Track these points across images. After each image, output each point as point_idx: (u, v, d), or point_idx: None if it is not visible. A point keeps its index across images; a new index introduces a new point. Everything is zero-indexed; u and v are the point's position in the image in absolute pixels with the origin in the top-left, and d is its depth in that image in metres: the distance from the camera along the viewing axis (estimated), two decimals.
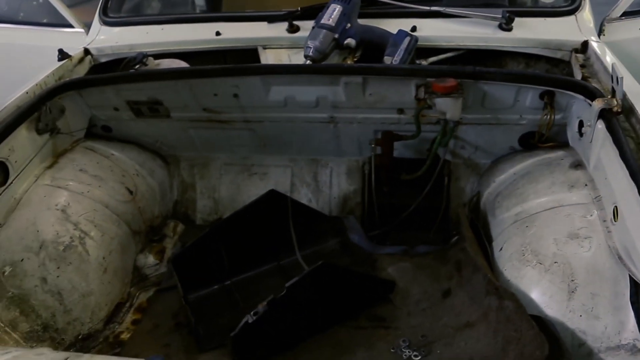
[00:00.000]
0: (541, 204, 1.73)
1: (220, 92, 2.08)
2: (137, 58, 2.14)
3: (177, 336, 1.84)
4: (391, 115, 2.07)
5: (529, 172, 1.91)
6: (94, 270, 1.90)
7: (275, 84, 2.02)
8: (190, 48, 2.28)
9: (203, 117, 2.23)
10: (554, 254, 1.55)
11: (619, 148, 1.46)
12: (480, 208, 2.08)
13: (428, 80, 1.86)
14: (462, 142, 2.16)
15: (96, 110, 2.27)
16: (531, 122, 1.99)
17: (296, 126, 2.21)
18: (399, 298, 1.88)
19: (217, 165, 2.47)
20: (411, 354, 1.64)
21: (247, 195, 2.40)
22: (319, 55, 1.98)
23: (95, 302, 1.88)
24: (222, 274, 2.02)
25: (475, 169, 2.25)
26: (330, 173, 2.38)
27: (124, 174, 2.22)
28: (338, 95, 2.01)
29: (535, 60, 2.14)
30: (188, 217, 2.48)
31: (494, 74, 1.82)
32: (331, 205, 2.36)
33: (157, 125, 2.30)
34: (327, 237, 2.16)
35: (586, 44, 2.00)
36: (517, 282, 1.60)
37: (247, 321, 1.55)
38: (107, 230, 2.00)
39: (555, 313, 1.48)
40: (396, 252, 2.10)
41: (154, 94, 2.14)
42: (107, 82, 2.10)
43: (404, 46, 1.94)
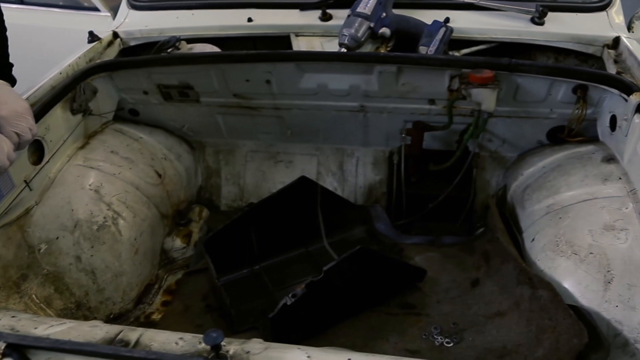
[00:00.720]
0: (574, 197, 1.74)
1: (252, 77, 2.09)
2: (171, 42, 2.14)
3: (209, 318, 1.86)
4: (422, 106, 2.09)
5: (560, 165, 1.93)
6: (126, 251, 1.91)
7: (308, 71, 2.03)
8: (221, 34, 2.28)
9: (233, 103, 2.24)
10: (590, 245, 1.57)
11: None
12: (507, 200, 2.10)
13: (464, 71, 1.87)
14: (490, 134, 2.18)
15: (125, 93, 2.27)
16: (561, 116, 2.00)
17: (325, 114, 2.22)
18: (428, 286, 1.90)
19: (242, 152, 2.49)
20: (443, 340, 1.66)
21: (272, 182, 2.42)
22: (354, 43, 1.99)
23: (127, 282, 1.90)
24: (252, 258, 2.03)
25: (501, 162, 2.27)
26: (356, 162, 2.39)
27: (152, 157, 2.23)
28: (371, 84, 2.03)
29: (564, 55, 2.16)
30: (212, 203, 2.49)
31: (530, 66, 1.83)
32: (356, 195, 2.37)
33: (184, 109, 2.31)
34: (353, 225, 2.18)
35: (618, 40, 2.02)
36: (550, 272, 1.62)
37: (285, 303, 1.57)
38: (138, 211, 2.01)
39: (591, 303, 1.50)
40: (423, 242, 2.12)
41: (186, 78, 2.14)
42: (140, 65, 2.10)
43: (439, 37, 1.96)
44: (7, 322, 1.15)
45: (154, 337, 1.13)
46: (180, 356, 1.03)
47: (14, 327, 1.13)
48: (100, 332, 1.13)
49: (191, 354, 1.07)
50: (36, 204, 1.79)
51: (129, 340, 1.10)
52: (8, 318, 1.16)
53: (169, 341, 1.12)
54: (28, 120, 1.51)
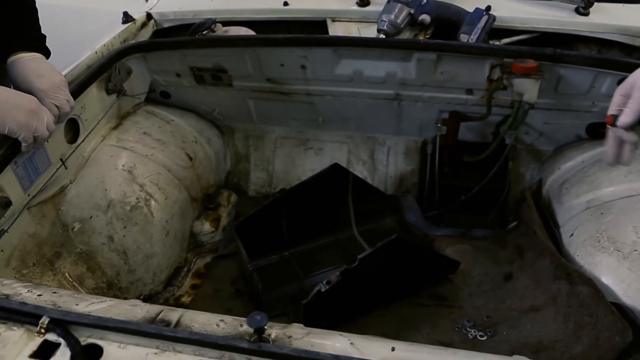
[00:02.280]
0: (616, 192, 1.70)
1: (287, 62, 2.06)
2: (206, 24, 2.13)
3: (238, 302, 1.85)
4: (459, 96, 2.05)
5: (600, 160, 1.88)
6: (158, 233, 1.91)
7: (345, 57, 2.00)
8: (256, 17, 2.26)
9: (265, 88, 2.22)
10: (634, 242, 1.53)
11: None
12: (543, 194, 2.06)
13: (505, 61, 1.83)
14: (527, 127, 2.13)
15: (157, 75, 2.27)
16: (603, 110, 1.94)
17: (358, 102, 2.19)
18: (460, 279, 1.88)
19: (272, 138, 2.47)
20: (477, 333, 1.64)
21: (302, 169, 2.40)
22: (394, 29, 1.95)
23: (157, 264, 1.90)
24: (282, 244, 2.02)
25: (537, 155, 2.22)
26: (387, 152, 2.36)
27: (184, 140, 2.23)
28: (408, 72, 1.99)
29: (608, 47, 2.10)
30: (240, 188, 2.48)
31: (576, 56, 1.78)
32: (387, 184, 2.34)
33: (216, 93, 2.30)
34: (384, 214, 2.16)
35: None
36: (591, 268, 1.58)
37: (319, 289, 1.56)
38: (169, 194, 2.01)
39: (633, 301, 1.45)
40: (454, 234, 2.08)
41: (220, 62, 2.13)
42: (175, 46, 2.09)
43: (482, 25, 1.91)
44: (49, 297, 1.15)
45: (195, 318, 1.12)
46: (224, 337, 1.02)
47: (55, 302, 1.13)
48: (141, 312, 1.13)
49: (233, 336, 1.06)
50: (71, 182, 1.79)
51: (170, 320, 1.09)
52: (50, 294, 1.16)
53: (210, 322, 1.11)
54: (66, 93, 1.51)
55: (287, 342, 1.04)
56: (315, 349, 1.02)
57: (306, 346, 1.03)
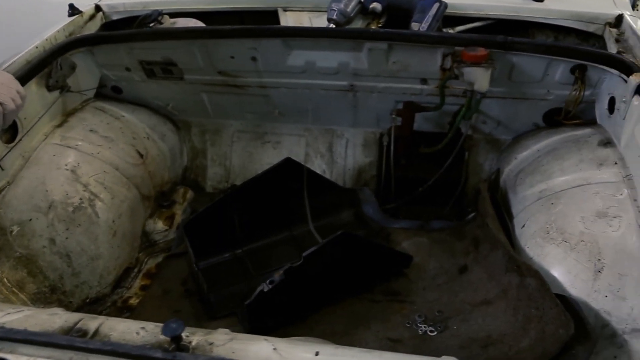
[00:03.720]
0: (567, 182, 1.67)
1: (237, 54, 2.00)
2: (153, 16, 2.06)
3: (187, 303, 1.81)
4: (414, 86, 2.00)
5: (555, 149, 1.85)
6: (103, 233, 1.85)
7: (296, 48, 1.95)
8: (206, 7, 2.19)
9: (218, 81, 2.15)
10: (581, 232, 1.50)
11: None
12: (500, 185, 2.03)
13: (457, 49, 1.78)
14: (484, 116, 2.10)
15: (107, 69, 2.19)
16: (558, 97, 1.92)
17: (313, 94, 2.14)
18: (415, 273, 1.85)
19: (229, 132, 2.41)
20: (427, 329, 1.61)
21: (260, 163, 2.35)
22: (344, 18, 1.90)
23: (104, 266, 1.84)
24: (234, 241, 1.98)
25: (495, 145, 2.19)
26: (345, 144, 2.32)
27: (134, 136, 2.16)
28: (360, 62, 1.94)
29: (564, 34, 2.06)
30: (198, 184, 2.42)
31: (527, 44, 1.74)
32: (345, 177, 2.30)
33: (169, 87, 2.23)
34: (341, 208, 2.12)
35: (621, 18, 1.92)
36: (540, 259, 1.55)
37: (262, 289, 1.51)
38: (117, 193, 1.95)
39: (580, 292, 1.43)
40: (411, 227, 2.05)
41: (168, 54, 2.06)
42: (121, 40, 2.02)
43: (433, 12, 1.86)
44: None
45: (115, 326, 1.07)
46: (138, 347, 0.97)
47: None
48: (59, 321, 1.07)
49: (151, 344, 1.01)
50: (8, 184, 1.72)
51: (87, 330, 1.04)
52: None
53: (130, 331, 1.06)
54: (10, 90, 1.45)
55: (208, 349, 1.00)
56: (236, 356, 0.98)
57: (227, 353, 0.99)
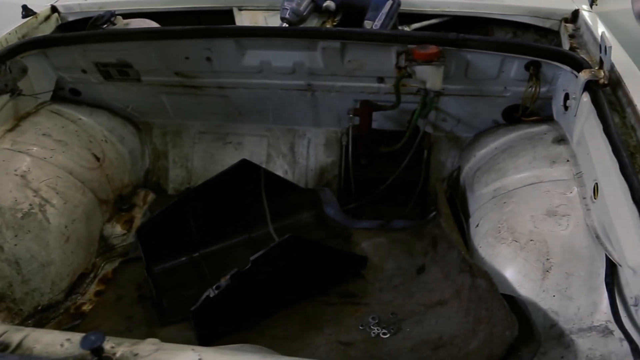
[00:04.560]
0: (521, 180, 1.66)
1: (191, 55, 1.97)
2: (105, 17, 2.02)
3: (140, 309, 1.77)
4: (371, 84, 1.98)
5: (511, 147, 1.84)
6: (55, 239, 1.82)
7: (249, 48, 1.92)
8: (161, 7, 2.16)
9: (175, 82, 2.12)
10: (530, 231, 1.49)
11: (603, 122, 1.39)
12: (460, 183, 2.01)
13: (409, 47, 1.76)
14: (444, 114, 2.08)
15: (63, 72, 2.15)
16: (516, 94, 1.90)
17: (272, 93, 2.11)
18: (372, 273, 1.83)
19: (190, 134, 2.38)
20: (380, 331, 1.59)
21: (221, 165, 2.31)
22: (296, 17, 1.87)
23: (56, 272, 1.81)
24: (190, 245, 1.94)
25: (457, 142, 2.17)
26: (307, 144, 2.29)
27: (91, 139, 2.13)
28: (315, 62, 1.91)
29: (523, 30, 2.05)
30: (160, 187, 2.39)
31: (478, 41, 1.72)
32: (307, 178, 2.28)
33: (127, 89, 2.20)
34: (301, 209, 2.09)
35: (577, 13, 1.91)
36: (491, 259, 1.54)
37: (208, 295, 1.49)
38: (70, 197, 1.91)
39: (529, 292, 1.42)
40: (372, 227, 2.03)
41: (123, 56, 2.02)
42: (71, 42, 1.98)
43: (386, 10, 1.84)
44: None
45: (40, 338, 1.04)
46: None
47: None
48: None
49: (74, 357, 0.98)
50: None
51: (9, 343, 1.01)
52: None
53: (54, 343, 1.03)
54: None
55: None
56: None
57: None
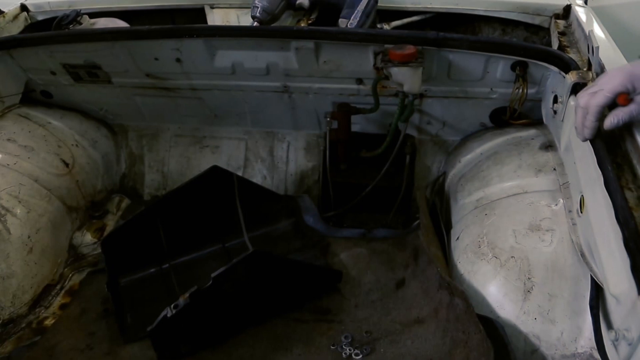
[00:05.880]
0: (504, 190, 1.55)
1: (161, 56, 1.87)
2: (70, 16, 1.93)
3: (104, 324, 1.69)
4: (350, 86, 1.87)
5: (496, 153, 1.73)
6: (16, 251, 1.74)
7: (220, 48, 1.82)
8: (131, 6, 2.06)
9: (147, 84, 2.03)
10: (512, 247, 1.38)
11: None
12: (445, 190, 1.91)
13: (386, 47, 1.65)
14: (428, 117, 1.97)
15: (32, 73, 2.07)
16: (503, 96, 1.79)
17: (247, 95, 2.01)
18: (349, 288, 1.73)
19: (166, 137, 2.29)
20: (352, 352, 1.49)
21: (198, 169, 2.20)
22: (267, 16, 1.77)
23: (18, 285, 1.73)
24: (160, 256, 1.85)
25: (443, 146, 2.06)
26: (287, 148, 2.19)
27: (60, 144, 2.04)
28: (290, 62, 1.81)
29: (512, 27, 1.93)
30: (136, 192, 2.30)
31: (460, 41, 1.60)
32: (287, 183, 2.18)
33: (99, 91, 2.10)
34: (279, 217, 1.99)
35: (568, 9, 1.79)
36: (470, 277, 1.44)
37: (165, 315, 1.40)
38: (34, 206, 1.83)
39: (509, 314, 1.32)
40: (352, 236, 1.93)
41: (91, 57, 1.93)
42: (34, 43, 1.89)
43: (362, 7, 1.73)
44: None
45: None
46: None
47: None
48: None
49: None
50: None
51: None
52: None
53: None
54: None
55: None
56: None
57: None
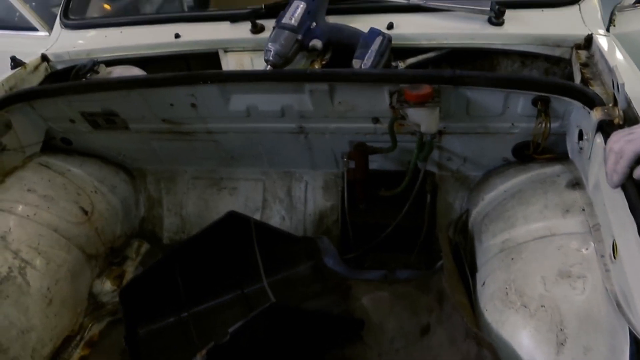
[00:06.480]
0: (530, 232, 1.48)
1: (176, 102, 1.88)
2: (87, 66, 1.95)
3: None
4: (366, 125, 1.84)
5: (520, 191, 1.66)
6: (36, 303, 1.73)
7: (234, 92, 1.81)
8: (147, 53, 2.08)
9: (163, 129, 2.03)
10: (541, 295, 1.31)
11: None
12: (469, 228, 1.84)
13: (401, 87, 1.61)
14: (448, 153, 1.92)
15: (52, 122, 2.09)
16: (525, 130, 1.73)
17: (263, 137, 2.00)
18: (372, 335, 1.67)
19: (184, 179, 2.28)
20: None
21: (216, 212, 2.20)
22: (281, 60, 1.75)
23: (37, 339, 1.72)
24: (179, 304, 1.83)
25: (465, 182, 2.00)
26: (305, 187, 2.16)
27: (79, 192, 2.05)
28: (304, 104, 1.79)
29: (532, 59, 1.87)
30: (155, 235, 2.30)
31: (477, 78, 1.56)
32: (306, 224, 2.14)
33: (117, 137, 2.12)
34: (298, 260, 1.95)
35: (590, 39, 1.72)
36: (498, 327, 1.36)
37: None
38: (53, 257, 1.83)
39: None
40: (374, 278, 1.87)
41: (108, 105, 1.95)
42: (53, 94, 1.91)
43: (375, 47, 1.70)
44: None
45: None
46: None
47: None
48: None
49: None
50: None
51: None
52: None
53: None
54: None
55: None
56: None
57: None
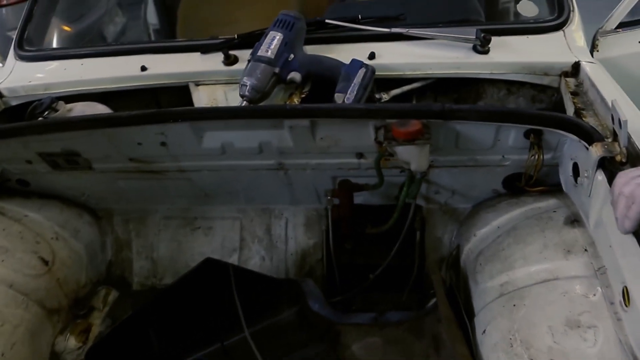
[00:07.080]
0: (531, 275, 1.39)
1: (144, 141, 1.73)
2: (44, 104, 1.78)
3: None
4: (350, 160, 1.74)
5: (515, 228, 1.57)
6: None
7: (208, 130, 1.68)
8: (111, 87, 1.92)
9: (131, 168, 1.88)
10: (550, 348, 1.22)
11: None
12: (461, 266, 1.75)
13: (388, 122, 1.52)
14: (436, 186, 1.83)
15: (6, 163, 1.91)
16: (516, 162, 1.65)
17: (240, 174, 1.87)
18: None
19: (155, 219, 2.13)
20: None
21: (190, 254, 2.06)
22: (257, 94, 1.63)
23: None
24: None
25: (454, 215, 1.92)
26: (285, 225, 2.04)
27: (38, 239, 1.87)
28: (284, 140, 1.67)
29: (518, 86, 1.81)
30: (124, 281, 2.13)
31: (468, 112, 1.47)
32: (288, 264, 2.01)
33: (80, 177, 1.95)
34: (281, 306, 1.82)
35: (578, 66, 1.67)
36: None
37: None
38: (9, 317, 1.65)
39: None
40: (363, 322, 1.76)
41: (69, 145, 1.78)
42: (6, 135, 1.74)
43: (359, 80, 1.60)
44: None
45: None
46: None
47: None
48: None
49: None
50: None
51: None
52: None
53: None
54: None
55: None
56: None
57: None
